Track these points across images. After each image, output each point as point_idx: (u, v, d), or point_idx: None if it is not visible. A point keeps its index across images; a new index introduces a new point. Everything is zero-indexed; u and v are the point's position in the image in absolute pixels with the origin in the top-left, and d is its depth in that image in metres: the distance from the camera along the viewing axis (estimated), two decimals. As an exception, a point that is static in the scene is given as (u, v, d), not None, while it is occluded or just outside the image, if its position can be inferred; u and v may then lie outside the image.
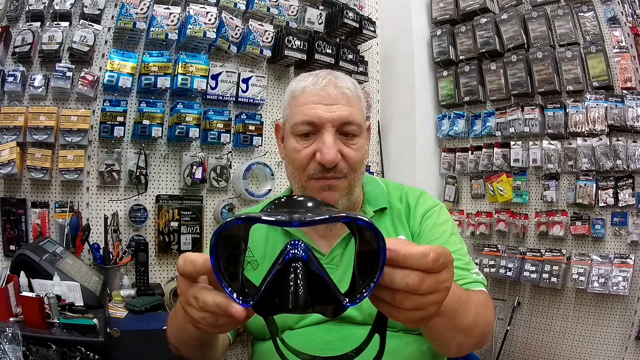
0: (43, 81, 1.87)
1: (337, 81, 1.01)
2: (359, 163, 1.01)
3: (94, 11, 1.95)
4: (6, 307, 1.32)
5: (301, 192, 1.03)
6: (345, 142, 0.99)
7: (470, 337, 0.80)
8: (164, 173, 2.19)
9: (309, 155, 0.98)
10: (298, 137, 0.99)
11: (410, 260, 0.50)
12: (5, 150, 1.76)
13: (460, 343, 0.79)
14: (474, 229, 2.69)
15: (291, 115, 1.02)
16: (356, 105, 1.01)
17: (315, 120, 0.97)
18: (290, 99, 1.04)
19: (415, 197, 1.10)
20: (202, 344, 0.79)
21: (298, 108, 1.00)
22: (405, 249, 0.51)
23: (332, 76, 1.02)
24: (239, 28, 2.28)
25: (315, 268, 0.50)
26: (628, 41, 2.20)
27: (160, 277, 2.14)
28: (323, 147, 0.95)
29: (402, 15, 2.90)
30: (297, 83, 1.04)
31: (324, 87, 0.99)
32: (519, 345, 2.52)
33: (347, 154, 0.98)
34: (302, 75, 1.06)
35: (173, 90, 2.14)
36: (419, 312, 0.53)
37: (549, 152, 2.39)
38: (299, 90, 1.02)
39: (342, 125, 0.98)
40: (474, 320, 0.79)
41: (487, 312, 0.87)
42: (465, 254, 1.03)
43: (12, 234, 1.84)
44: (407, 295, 0.51)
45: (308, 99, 0.99)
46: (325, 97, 0.98)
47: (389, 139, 2.95)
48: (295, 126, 0.99)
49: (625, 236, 2.19)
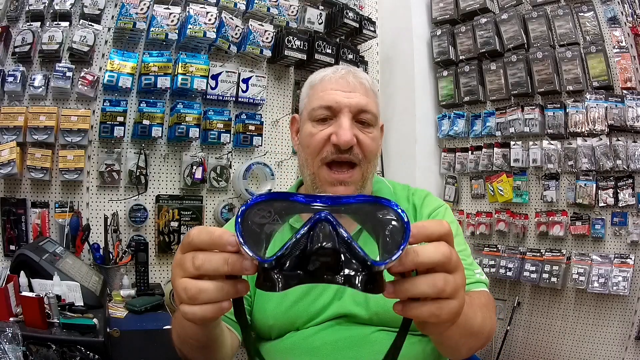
0: (43, 81, 1.87)
1: (356, 72, 1.04)
2: (372, 153, 1.02)
3: (94, 11, 1.95)
4: (6, 307, 1.32)
5: (312, 182, 1.03)
6: (362, 130, 1.00)
7: (480, 339, 0.81)
8: (164, 173, 2.19)
9: (325, 139, 0.99)
10: (315, 121, 1.01)
11: (430, 228, 0.50)
12: (5, 150, 1.76)
13: (471, 347, 0.80)
14: (474, 229, 2.69)
15: (309, 102, 1.04)
16: (372, 98, 1.04)
17: (334, 104, 0.98)
18: (309, 88, 1.07)
19: (421, 198, 1.11)
20: (203, 346, 0.78)
21: (317, 95, 1.02)
22: (420, 222, 0.51)
23: (351, 68, 1.06)
24: (239, 28, 2.28)
25: (343, 230, 0.48)
26: (628, 41, 2.20)
27: (160, 277, 2.14)
28: (340, 130, 0.96)
29: (402, 15, 2.90)
30: (316, 74, 1.07)
31: (343, 75, 1.01)
32: (519, 345, 2.52)
33: (363, 140, 0.99)
34: (321, 69, 1.09)
35: (173, 90, 2.14)
36: (454, 300, 0.50)
37: (549, 152, 2.39)
38: (318, 79, 1.05)
39: (359, 112, 0.99)
40: (482, 322, 0.79)
41: (491, 313, 0.87)
42: (469, 255, 1.04)
43: (12, 234, 1.84)
44: (445, 277, 0.49)
45: (327, 85, 1.01)
46: (344, 84, 1.00)
47: (389, 139, 2.95)
48: (313, 111, 1.01)
49: (625, 236, 2.19)
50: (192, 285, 0.50)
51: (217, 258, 0.49)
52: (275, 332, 1.00)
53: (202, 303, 0.50)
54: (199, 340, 0.75)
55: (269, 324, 0.99)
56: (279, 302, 0.98)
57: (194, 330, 0.72)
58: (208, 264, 0.49)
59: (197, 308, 0.51)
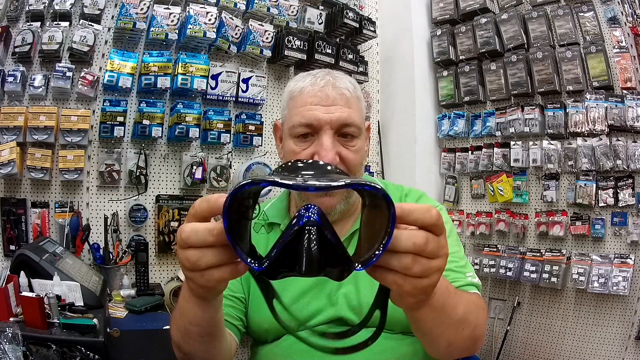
0: (43, 81, 1.87)
1: (335, 82, 0.99)
2: (357, 166, 1.00)
3: (94, 11, 1.95)
4: (6, 307, 1.32)
5: (298, 194, 1.03)
6: (344, 144, 0.98)
7: (460, 335, 0.78)
8: (164, 173, 2.19)
9: (307, 158, 0.96)
10: (296, 138, 0.98)
11: (416, 213, 0.52)
12: (5, 150, 1.76)
13: (449, 341, 0.77)
14: (474, 229, 2.69)
15: (289, 116, 1.01)
16: (355, 106, 1.00)
17: (314, 122, 0.95)
18: (288, 99, 1.03)
19: (415, 198, 1.10)
20: (206, 333, 0.76)
21: (296, 109, 0.98)
22: (408, 205, 0.52)
23: (330, 76, 1.01)
24: (239, 28, 2.28)
25: (329, 233, 0.50)
26: (628, 41, 2.20)
27: (160, 277, 2.14)
28: (321, 150, 0.94)
29: (402, 15, 2.90)
30: (295, 83, 1.03)
31: (322, 87, 0.97)
32: (519, 345, 2.52)
33: (346, 156, 0.97)
34: (301, 75, 1.05)
35: (173, 90, 2.14)
36: (425, 279, 0.53)
37: (549, 152, 2.39)
38: (297, 91, 1.00)
39: (341, 127, 0.97)
40: (464, 316, 0.77)
41: (478, 311, 0.85)
42: (462, 257, 1.01)
43: (12, 234, 1.84)
44: (415, 258, 0.52)
45: (306, 100, 0.97)
46: (324, 98, 0.96)
47: (389, 139, 2.95)
48: (293, 128, 0.98)
49: (625, 236, 2.19)
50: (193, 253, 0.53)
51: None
52: (272, 335, 1.00)
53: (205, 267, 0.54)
54: (200, 326, 0.74)
55: (264, 327, 0.99)
56: None
57: (196, 313, 0.71)
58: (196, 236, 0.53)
59: (203, 266, 0.54)
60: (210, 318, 0.74)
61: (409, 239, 0.52)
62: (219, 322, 0.78)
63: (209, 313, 0.72)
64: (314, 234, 0.49)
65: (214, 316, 0.74)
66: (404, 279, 0.53)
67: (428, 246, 0.52)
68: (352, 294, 0.96)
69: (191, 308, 0.71)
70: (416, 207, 0.52)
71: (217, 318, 0.76)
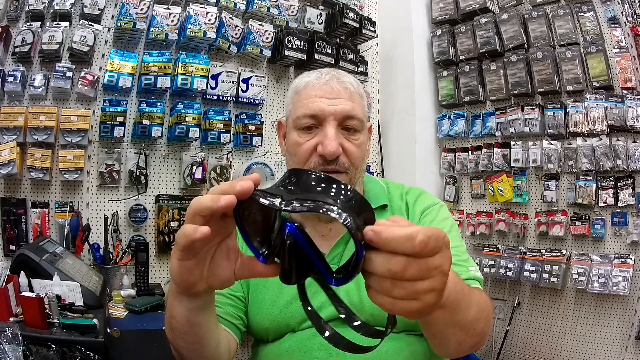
0: (43, 81, 1.87)
1: (340, 77, 1.02)
2: (359, 159, 1.01)
3: (94, 11, 1.95)
4: (6, 307, 1.32)
5: None
6: (347, 137, 0.99)
7: (471, 335, 0.78)
8: (164, 173, 2.19)
9: (311, 149, 0.98)
10: (300, 130, 1.00)
11: (393, 244, 0.47)
12: (5, 150, 1.76)
13: (460, 341, 0.77)
14: (474, 229, 2.69)
15: (294, 109, 1.03)
16: (358, 102, 1.02)
17: (318, 112, 0.98)
18: (293, 94, 1.05)
19: (415, 196, 1.11)
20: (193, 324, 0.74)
21: (301, 102, 1.01)
22: (387, 232, 0.47)
23: (335, 72, 1.04)
24: (239, 28, 2.28)
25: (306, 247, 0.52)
26: (628, 41, 2.20)
27: (160, 277, 2.14)
28: (325, 140, 0.96)
29: (402, 15, 2.90)
30: (300, 79, 1.06)
31: (327, 81, 1.00)
32: (519, 345, 2.52)
33: (349, 148, 0.99)
34: (306, 72, 1.08)
35: (173, 90, 2.14)
36: (414, 302, 0.49)
37: (549, 152, 2.39)
38: (302, 85, 1.03)
39: (344, 119, 0.98)
40: (476, 317, 0.77)
41: (488, 310, 0.85)
42: (464, 252, 1.01)
43: (12, 234, 1.84)
44: (393, 282, 0.48)
45: (311, 92, 1.00)
46: (329, 91, 0.99)
47: (389, 139, 2.95)
48: (297, 119, 1.00)
49: (625, 236, 2.19)
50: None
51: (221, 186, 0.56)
52: (272, 334, 0.99)
53: None
54: (181, 321, 0.72)
55: (264, 326, 0.99)
56: (272, 303, 0.98)
57: (180, 310, 0.70)
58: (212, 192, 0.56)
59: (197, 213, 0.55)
60: (194, 317, 0.72)
61: (383, 264, 0.47)
62: (204, 324, 0.76)
63: (193, 312, 0.71)
64: (292, 247, 0.51)
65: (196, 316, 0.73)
66: (390, 301, 0.49)
67: (407, 272, 0.47)
68: (353, 291, 0.96)
69: (172, 301, 0.71)
70: (395, 237, 0.47)
71: (199, 320, 0.74)
